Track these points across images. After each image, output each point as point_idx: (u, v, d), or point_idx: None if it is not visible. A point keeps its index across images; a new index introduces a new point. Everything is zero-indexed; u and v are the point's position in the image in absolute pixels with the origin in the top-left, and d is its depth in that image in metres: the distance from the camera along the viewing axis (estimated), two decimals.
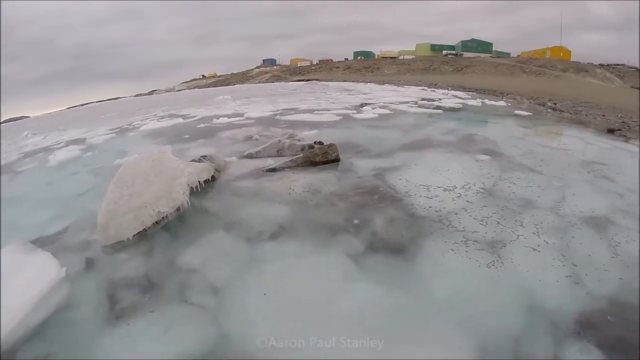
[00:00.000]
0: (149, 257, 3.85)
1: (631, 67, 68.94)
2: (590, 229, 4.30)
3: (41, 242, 4.33)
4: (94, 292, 3.40)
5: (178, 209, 4.51)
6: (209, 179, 5.46)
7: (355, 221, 4.35)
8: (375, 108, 13.82)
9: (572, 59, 66.00)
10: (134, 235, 4.14)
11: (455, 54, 74.88)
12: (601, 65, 64.41)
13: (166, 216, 4.38)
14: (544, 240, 3.94)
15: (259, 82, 65.95)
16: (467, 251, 3.70)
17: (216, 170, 5.83)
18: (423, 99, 18.03)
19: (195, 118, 14.07)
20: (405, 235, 4.06)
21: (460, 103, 16.76)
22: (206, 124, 12.04)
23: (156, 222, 4.31)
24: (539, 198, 5.03)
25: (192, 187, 4.94)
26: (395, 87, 30.65)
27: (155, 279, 3.48)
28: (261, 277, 3.42)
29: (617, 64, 69.87)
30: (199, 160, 5.67)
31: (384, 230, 4.17)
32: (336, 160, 6.43)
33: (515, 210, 4.63)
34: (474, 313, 2.99)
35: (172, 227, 4.37)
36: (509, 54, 76.33)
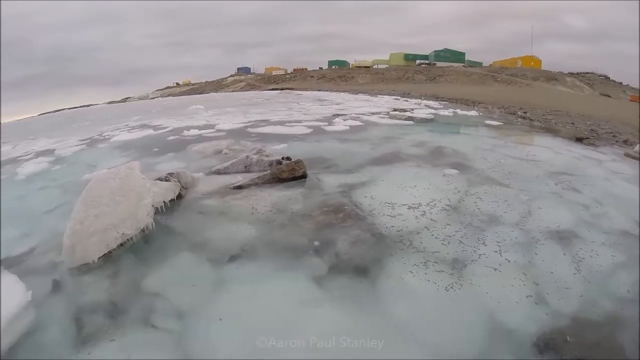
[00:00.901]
0: (115, 281, 3.81)
1: (600, 75, 72.03)
2: (554, 245, 4.38)
3: (8, 264, 4.28)
4: (61, 316, 3.37)
5: (143, 230, 4.50)
6: (174, 199, 5.43)
7: (319, 242, 4.32)
8: (346, 120, 13.92)
9: (543, 68, 68.26)
10: (99, 258, 4.12)
11: (429, 64, 76.55)
12: (571, 74, 66.84)
13: (131, 238, 4.37)
14: (506, 259, 3.98)
15: (233, 91, 65.65)
16: (426, 273, 3.69)
17: (183, 187, 5.78)
18: (395, 110, 18.28)
19: (167, 129, 13.91)
20: (367, 257, 4.03)
21: (432, 113, 17.06)
22: (177, 136, 11.92)
23: (121, 244, 4.30)
24: (504, 213, 5.10)
25: (157, 207, 4.94)
26: (368, 97, 31.02)
27: (120, 303, 3.46)
28: (225, 300, 3.44)
29: (587, 72, 72.69)
30: (166, 179, 5.62)
31: (346, 251, 4.14)
32: (303, 176, 6.43)
33: (479, 227, 4.68)
34: (433, 336, 3.01)
35: (137, 248, 4.33)
36: (481, 64, 78.46)
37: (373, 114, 16.33)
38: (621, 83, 71.75)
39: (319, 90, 45.71)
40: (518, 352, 2.86)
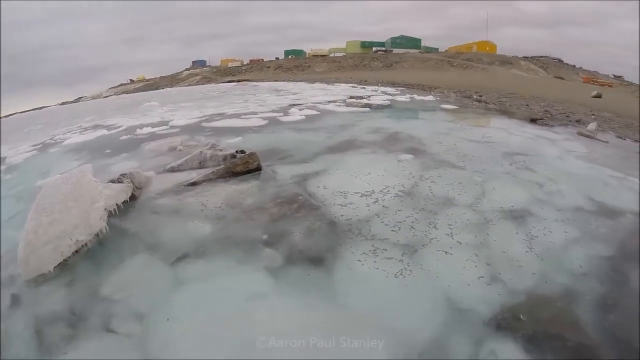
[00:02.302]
0: (72, 289, 3.77)
1: (554, 59, 75.17)
2: (507, 224, 4.47)
3: None
4: (22, 330, 3.34)
5: (97, 235, 4.42)
6: (127, 200, 5.32)
7: (274, 234, 4.34)
8: (302, 109, 13.87)
9: (498, 52, 70.37)
10: (54, 267, 4.01)
11: (385, 51, 77.49)
12: (525, 58, 69.31)
13: (85, 244, 4.29)
14: (457, 241, 4.01)
15: (189, 85, 64.47)
16: (375, 261, 3.69)
17: (137, 188, 5.68)
18: (352, 97, 18.38)
19: (120, 129, 13.50)
20: (320, 248, 4.03)
21: (389, 100, 17.29)
22: (130, 135, 11.57)
23: (76, 251, 4.21)
24: (458, 196, 5.16)
25: (110, 210, 4.86)
26: (325, 86, 31.14)
27: (79, 311, 3.43)
28: (183, 300, 3.44)
29: (541, 56, 75.68)
30: (119, 180, 5.52)
31: (300, 242, 4.16)
32: (258, 169, 6.46)
33: (431, 211, 4.71)
34: (389, 323, 3.02)
35: (93, 254, 4.25)
36: (437, 49, 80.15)
37: (329, 102, 16.36)
38: (574, 66, 75.23)
39: (276, 81, 45.67)
40: (471, 334, 2.88)
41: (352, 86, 29.38)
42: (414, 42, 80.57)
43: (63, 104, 73.07)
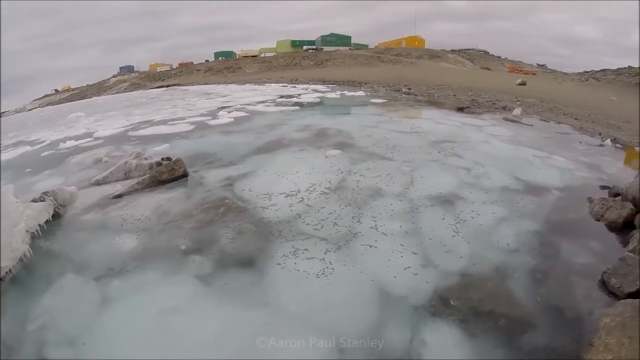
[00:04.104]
0: (1, 319, 3.55)
1: (480, 51, 79.24)
2: (435, 210, 4.54)
3: None
4: None
5: (21, 259, 4.19)
6: (49, 219, 5.04)
7: (200, 241, 4.25)
8: (231, 112, 13.72)
9: (426, 47, 72.98)
10: None
11: (316, 49, 78.16)
12: (453, 51, 72.47)
13: (10, 270, 4.08)
14: (383, 233, 3.99)
15: (117, 93, 61.52)
16: (295, 263, 3.60)
17: (60, 205, 5.44)
18: (282, 97, 18.40)
19: (44, 144, 12.60)
20: (243, 252, 3.94)
21: (319, 97, 17.40)
22: (54, 150, 10.81)
23: (0, 279, 3.99)
24: (386, 187, 5.19)
25: (33, 232, 4.68)
26: (255, 87, 31.03)
27: (10, 342, 3.27)
28: (114, 318, 3.34)
29: (468, 49, 79.51)
30: (40, 199, 5.27)
31: (225, 247, 4.08)
32: (184, 175, 6.38)
33: (358, 205, 4.69)
34: (315, 324, 2.96)
35: (19, 280, 4.03)
36: (367, 46, 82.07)
37: (259, 103, 16.29)
38: (500, 57, 79.52)
39: (206, 84, 44.91)
40: (402, 325, 2.87)
41: (282, 86, 29.45)
42: (344, 40, 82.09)
43: None
